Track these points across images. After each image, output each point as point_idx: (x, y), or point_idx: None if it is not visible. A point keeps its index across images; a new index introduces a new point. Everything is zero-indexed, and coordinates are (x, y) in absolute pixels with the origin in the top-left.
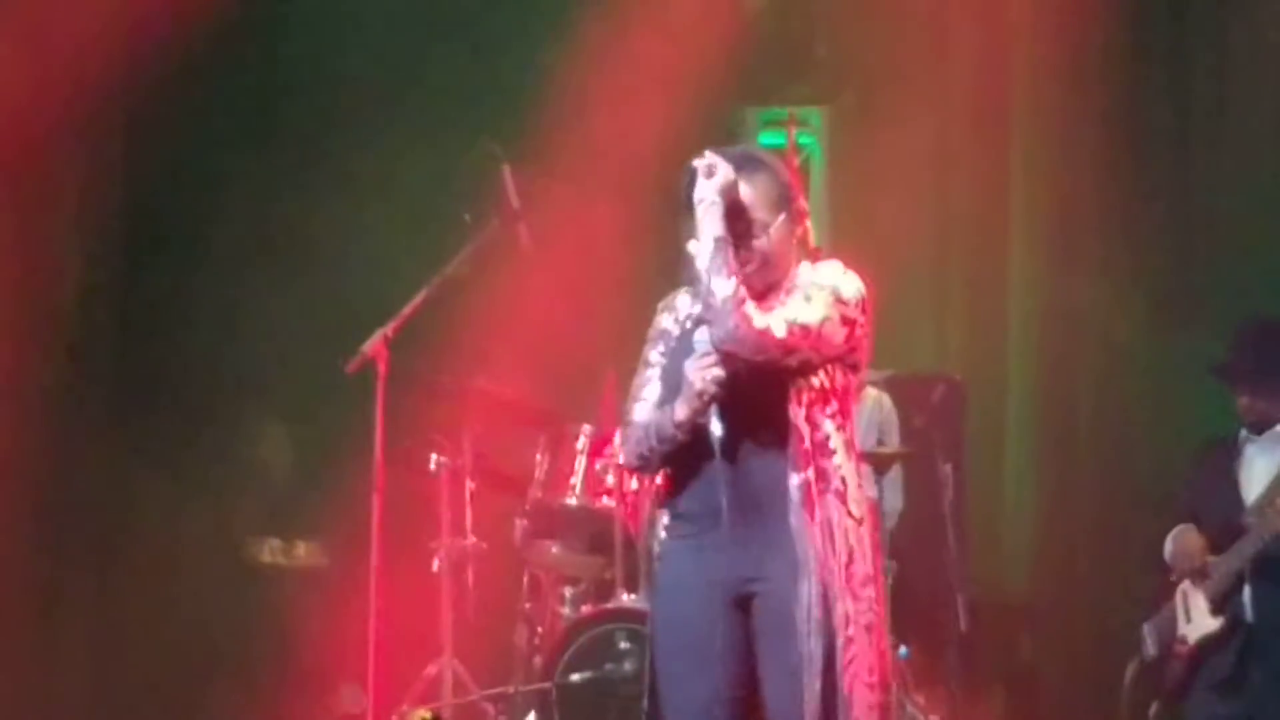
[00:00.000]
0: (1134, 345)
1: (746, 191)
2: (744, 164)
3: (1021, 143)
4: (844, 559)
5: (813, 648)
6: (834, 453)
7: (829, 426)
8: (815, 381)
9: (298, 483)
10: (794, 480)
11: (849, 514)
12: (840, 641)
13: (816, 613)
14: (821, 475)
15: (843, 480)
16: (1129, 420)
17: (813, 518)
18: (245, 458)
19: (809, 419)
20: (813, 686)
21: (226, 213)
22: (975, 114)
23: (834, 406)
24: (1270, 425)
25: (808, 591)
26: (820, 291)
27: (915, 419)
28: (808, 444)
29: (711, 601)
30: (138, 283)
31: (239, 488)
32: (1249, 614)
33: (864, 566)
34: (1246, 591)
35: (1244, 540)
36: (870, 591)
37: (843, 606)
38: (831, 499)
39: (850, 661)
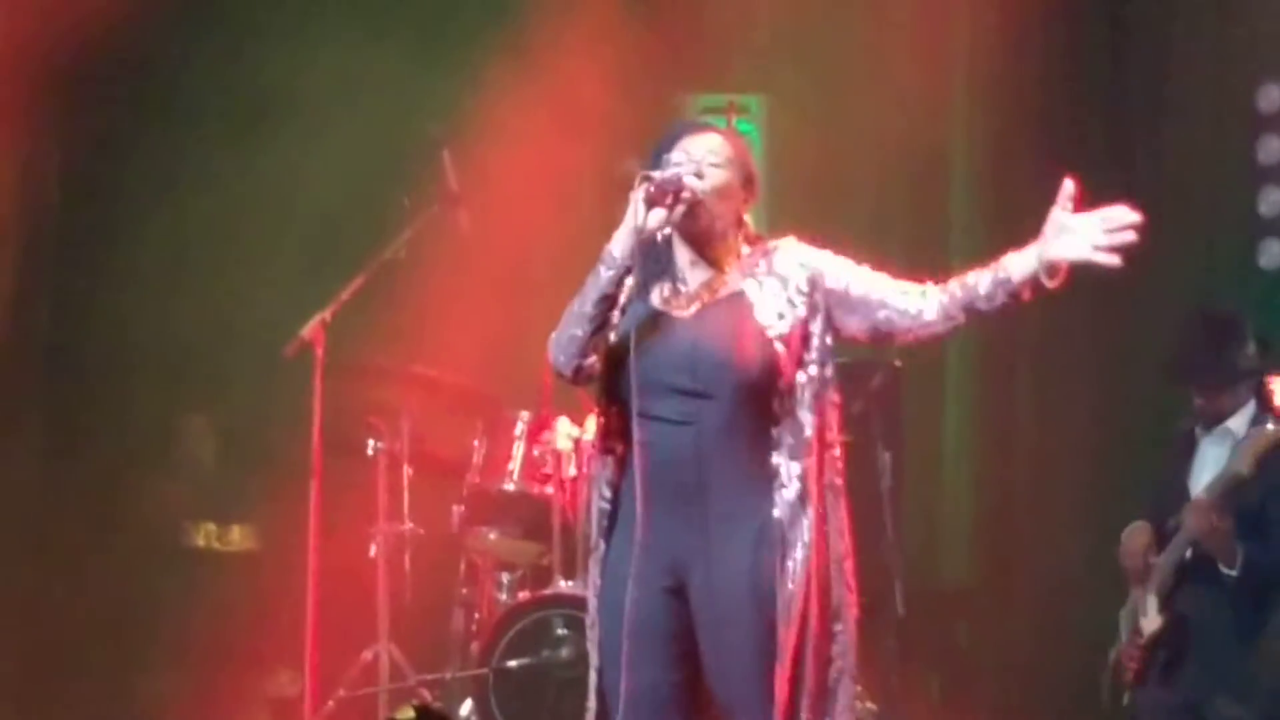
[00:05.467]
0: (1073, 330)
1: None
2: (691, 126)
3: (962, 130)
4: (839, 553)
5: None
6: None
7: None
8: (802, 376)
9: (233, 467)
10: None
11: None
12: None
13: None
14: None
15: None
16: (1068, 406)
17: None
18: (175, 445)
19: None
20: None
21: (162, 196)
22: (915, 101)
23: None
24: (1221, 420)
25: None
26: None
27: (854, 405)
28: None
29: (649, 587)
30: (72, 268)
31: (173, 472)
32: (1184, 608)
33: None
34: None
35: (1179, 537)
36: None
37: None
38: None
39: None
